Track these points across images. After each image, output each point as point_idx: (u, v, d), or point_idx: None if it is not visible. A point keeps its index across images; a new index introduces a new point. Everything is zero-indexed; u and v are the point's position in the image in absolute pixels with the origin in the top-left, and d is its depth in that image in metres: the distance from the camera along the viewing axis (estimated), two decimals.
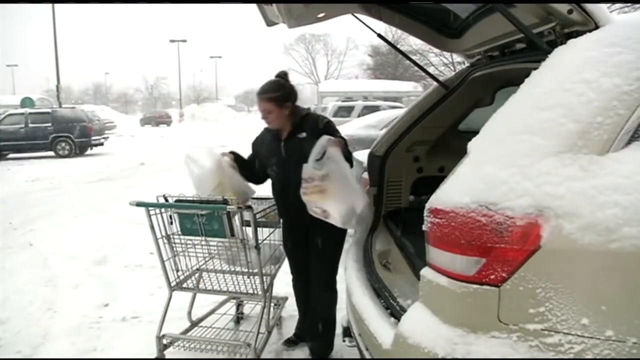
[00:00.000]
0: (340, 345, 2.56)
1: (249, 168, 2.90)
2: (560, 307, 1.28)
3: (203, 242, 2.73)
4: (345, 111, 15.92)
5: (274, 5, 2.27)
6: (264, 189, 2.95)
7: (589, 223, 1.25)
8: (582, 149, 1.32)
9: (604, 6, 1.56)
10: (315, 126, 2.67)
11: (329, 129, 2.66)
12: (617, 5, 9.07)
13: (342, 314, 2.49)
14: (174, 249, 2.77)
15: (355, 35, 56.16)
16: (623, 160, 1.32)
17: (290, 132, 2.73)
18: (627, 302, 1.26)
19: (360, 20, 2.77)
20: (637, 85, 1.35)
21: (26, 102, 24.01)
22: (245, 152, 2.97)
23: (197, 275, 2.91)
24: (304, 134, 2.68)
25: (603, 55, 1.41)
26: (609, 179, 1.29)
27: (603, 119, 1.33)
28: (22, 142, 16.53)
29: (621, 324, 1.25)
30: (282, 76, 2.76)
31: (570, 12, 1.54)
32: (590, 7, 1.52)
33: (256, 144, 2.94)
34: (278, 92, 2.66)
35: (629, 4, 8.93)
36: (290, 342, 3.11)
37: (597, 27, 1.52)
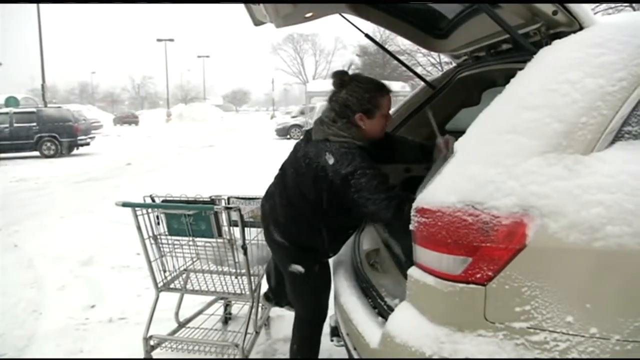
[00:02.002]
0: (328, 345, 2.55)
1: None
2: (546, 305, 1.29)
3: (190, 243, 2.71)
4: None
5: (261, 4, 2.26)
6: (260, 189, 2.82)
7: (573, 222, 1.27)
8: (567, 149, 1.34)
9: (588, 7, 1.57)
10: None
11: None
12: (603, 6, 9.21)
13: (330, 314, 2.48)
14: (161, 249, 2.75)
15: (344, 35, 56.38)
16: (607, 159, 1.33)
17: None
18: (610, 299, 1.27)
19: (348, 21, 2.77)
20: (620, 85, 1.37)
21: (11, 101, 23.58)
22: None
23: (184, 276, 2.89)
24: None
25: (587, 56, 1.43)
26: (593, 178, 1.30)
27: (587, 119, 1.35)
28: (6, 142, 16.26)
29: (605, 321, 1.27)
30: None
31: (555, 13, 1.56)
32: (574, 8, 1.53)
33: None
34: None
35: (612, 6, 9.07)
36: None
37: (581, 28, 1.54)
